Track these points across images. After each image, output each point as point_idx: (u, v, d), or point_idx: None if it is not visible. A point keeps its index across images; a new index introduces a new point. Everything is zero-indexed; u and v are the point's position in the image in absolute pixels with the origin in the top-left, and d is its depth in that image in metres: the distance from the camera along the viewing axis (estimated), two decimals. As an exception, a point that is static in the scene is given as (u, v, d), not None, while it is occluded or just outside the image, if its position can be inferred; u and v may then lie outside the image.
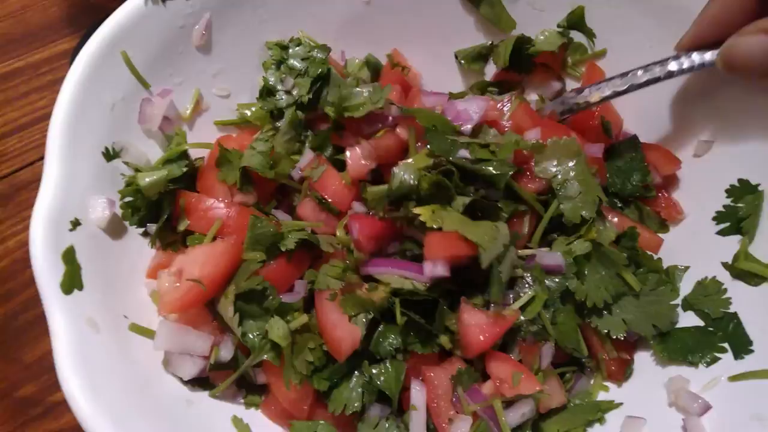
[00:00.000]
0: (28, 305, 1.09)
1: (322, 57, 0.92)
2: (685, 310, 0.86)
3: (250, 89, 0.99)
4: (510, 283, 0.83)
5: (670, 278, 0.88)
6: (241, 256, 0.81)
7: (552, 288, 0.83)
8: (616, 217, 0.90)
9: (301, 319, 0.81)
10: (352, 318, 0.78)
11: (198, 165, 0.93)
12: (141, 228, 0.87)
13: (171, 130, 0.92)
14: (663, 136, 0.95)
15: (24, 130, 1.25)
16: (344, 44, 1.01)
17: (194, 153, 0.94)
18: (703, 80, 0.88)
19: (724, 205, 0.86)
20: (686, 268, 0.88)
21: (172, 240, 0.89)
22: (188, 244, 0.86)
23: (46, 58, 1.32)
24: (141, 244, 0.88)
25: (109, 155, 0.84)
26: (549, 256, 0.83)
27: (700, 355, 0.81)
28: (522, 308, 0.82)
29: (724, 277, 0.84)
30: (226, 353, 0.81)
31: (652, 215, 0.94)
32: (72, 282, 0.74)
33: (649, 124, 0.95)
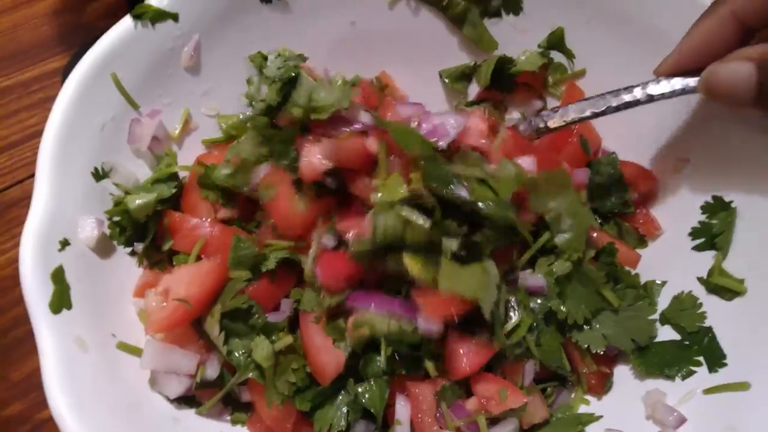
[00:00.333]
0: (17, 322, 1.10)
1: (294, 64, 0.90)
2: (663, 325, 0.88)
3: (238, 108, 1.00)
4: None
5: (648, 293, 0.90)
6: (226, 275, 0.82)
7: (536, 310, 0.85)
8: (596, 233, 0.92)
9: (286, 340, 0.81)
10: (336, 342, 0.79)
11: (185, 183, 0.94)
12: (129, 247, 0.88)
13: (160, 149, 0.93)
14: (641, 153, 0.97)
15: (14, 147, 1.26)
16: (332, 65, 1.03)
17: (183, 173, 0.95)
18: (680, 101, 0.91)
19: (699, 221, 0.88)
20: (663, 283, 0.90)
21: (159, 259, 0.90)
22: (174, 263, 0.88)
23: (36, 76, 1.33)
24: (129, 263, 0.89)
25: (99, 175, 0.85)
26: (532, 278, 0.85)
27: (677, 369, 0.83)
28: (507, 333, 0.83)
29: (700, 291, 0.86)
30: (212, 372, 0.82)
31: (631, 231, 0.96)
32: (61, 301, 0.75)
33: (627, 142, 0.97)
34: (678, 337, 0.85)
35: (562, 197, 0.85)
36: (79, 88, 0.84)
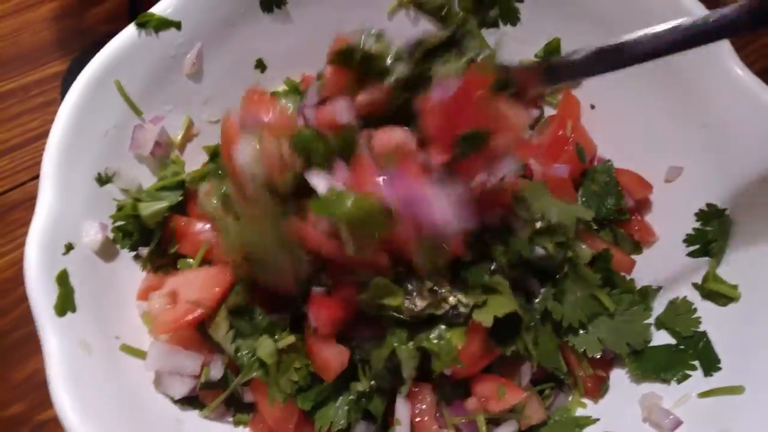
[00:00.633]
0: (17, 324, 1.10)
1: None
2: (658, 329, 0.89)
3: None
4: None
5: (644, 298, 0.91)
6: (234, 279, 0.83)
7: (533, 311, 0.86)
8: (592, 240, 0.94)
9: (288, 339, 0.83)
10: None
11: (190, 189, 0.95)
12: (133, 251, 0.89)
13: (164, 156, 0.94)
14: (636, 161, 0.99)
15: (15, 150, 1.27)
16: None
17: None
18: (674, 109, 0.93)
19: (693, 229, 0.90)
20: (659, 288, 0.92)
21: (162, 263, 0.91)
22: (179, 266, 0.89)
23: (37, 80, 1.34)
24: (132, 266, 0.90)
25: (102, 180, 0.87)
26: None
27: (672, 373, 0.85)
28: None
29: (695, 297, 0.88)
30: (216, 372, 0.83)
31: (626, 237, 0.97)
32: (65, 304, 0.76)
33: (622, 150, 0.99)
34: (673, 342, 0.87)
35: (545, 200, 0.87)
36: (83, 94, 0.85)
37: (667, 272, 0.92)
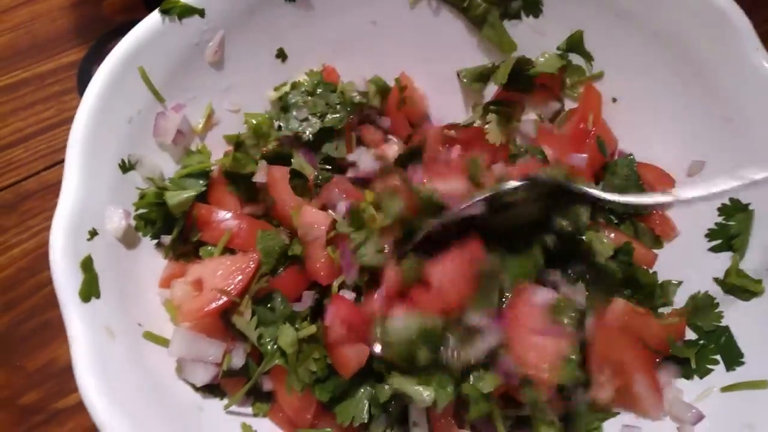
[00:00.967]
0: (32, 313, 1.10)
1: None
2: (680, 324, 0.89)
3: (259, 104, 1.02)
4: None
5: (665, 292, 0.91)
6: (259, 268, 0.83)
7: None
8: (613, 233, 0.94)
9: (310, 329, 0.83)
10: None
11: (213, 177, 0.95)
12: (155, 239, 0.89)
13: (186, 143, 0.94)
14: (657, 155, 0.98)
15: (30, 139, 1.26)
16: (351, 63, 1.04)
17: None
18: (696, 102, 0.93)
19: (716, 223, 0.90)
20: (680, 282, 0.92)
21: (184, 251, 0.91)
22: (201, 254, 0.88)
23: (52, 69, 1.34)
24: (154, 254, 0.90)
25: (125, 167, 0.86)
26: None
27: (694, 367, 0.85)
28: None
29: (716, 291, 0.88)
30: (238, 360, 0.83)
31: (647, 232, 0.97)
32: (90, 290, 0.75)
33: (644, 144, 0.99)
34: (695, 336, 0.87)
35: None
36: (108, 80, 0.84)
37: (688, 266, 0.92)
